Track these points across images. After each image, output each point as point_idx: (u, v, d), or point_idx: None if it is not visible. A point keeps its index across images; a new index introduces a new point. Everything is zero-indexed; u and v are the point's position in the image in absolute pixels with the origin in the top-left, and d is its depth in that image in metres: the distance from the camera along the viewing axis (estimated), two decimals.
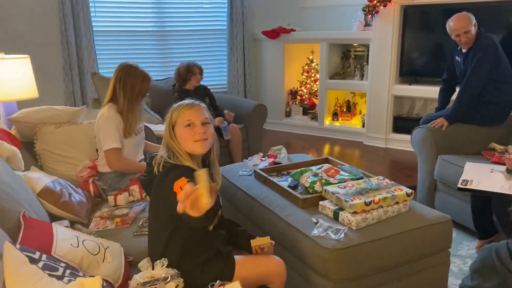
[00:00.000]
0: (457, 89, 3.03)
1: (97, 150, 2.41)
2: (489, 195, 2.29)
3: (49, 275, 1.16)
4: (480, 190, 2.27)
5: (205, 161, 1.71)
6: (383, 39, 4.51)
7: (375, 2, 4.41)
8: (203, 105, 1.66)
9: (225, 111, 3.76)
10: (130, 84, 2.32)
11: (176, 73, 3.65)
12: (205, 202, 1.11)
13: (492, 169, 2.42)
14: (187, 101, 1.65)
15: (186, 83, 3.61)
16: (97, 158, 2.40)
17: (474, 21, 2.82)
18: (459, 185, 2.30)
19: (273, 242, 1.71)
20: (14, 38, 4.23)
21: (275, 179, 2.22)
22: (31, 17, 4.33)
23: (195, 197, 1.11)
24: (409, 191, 1.92)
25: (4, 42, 4.05)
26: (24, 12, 4.29)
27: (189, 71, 3.58)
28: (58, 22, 4.35)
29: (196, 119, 1.60)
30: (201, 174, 1.12)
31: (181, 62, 3.68)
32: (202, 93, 3.68)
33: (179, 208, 1.13)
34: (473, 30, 2.81)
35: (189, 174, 1.48)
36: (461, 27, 2.80)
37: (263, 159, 2.58)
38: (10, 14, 4.23)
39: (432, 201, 2.94)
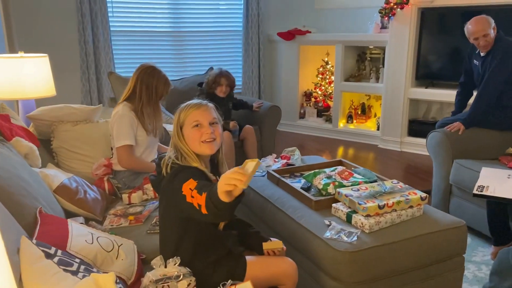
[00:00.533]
0: (474, 93, 2.99)
1: (112, 149, 2.44)
2: (506, 201, 2.25)
3: (64, 270, 1.18)
4: (497, 197, 2.22)
5: (213, 160, 1.71)
6: (400, 42, 4.47)
7: (392, 4, 4.38)
8: (210, 104, 1.66)
9: (254, 104, 3.83)
10: (153, 86, 2.35)
11: (208, 77, 3.60)
12: (241, 187, 1.19)
13: (509, 175, 2.37)
14: (194, 101, 1.65)
15: (214, 90, 3.56)
16: (112, 157, 2.43)
17: (493, 24, 2.78)
18: (475, 191, 2.26)
19: (284, 248, 1.71)
20: (33, 37, 4.30)
21: (288, 181, 2.22)
22: (50, 17, 4.40)
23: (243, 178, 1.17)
24: (424, 195, 1.90)
25: (24, 41, 4.12)
26: (43, 12, 4.37)
27: (215, 81, 3.52)
28: (76, 21, 4.42)
29: (204, 119, 1.59)
30: (255, 164, 1.21)
31: (218, 68, 3.62)
32: (227, 98, 3.62)
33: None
34: (492, 33, 2.77)
35: (197, 175, 1.48)
36: (479, 30, 2.76)
37: (277, 160, 2.58)
38: (30, 13, 4.31)
39: (447, 205, 2.91)
